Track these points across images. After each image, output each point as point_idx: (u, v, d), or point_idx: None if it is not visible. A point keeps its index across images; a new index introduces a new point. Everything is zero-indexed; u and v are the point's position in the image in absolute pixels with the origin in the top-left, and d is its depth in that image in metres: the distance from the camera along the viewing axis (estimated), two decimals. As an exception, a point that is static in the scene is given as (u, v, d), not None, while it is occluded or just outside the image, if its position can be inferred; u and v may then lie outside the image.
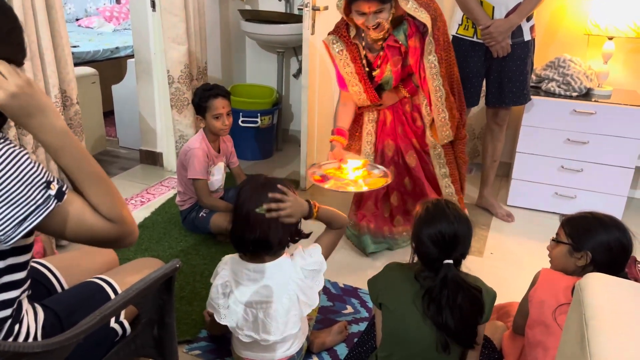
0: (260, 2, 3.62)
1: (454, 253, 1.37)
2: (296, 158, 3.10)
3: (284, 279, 1.50)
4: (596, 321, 1.03)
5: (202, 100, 2.36)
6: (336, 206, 1.75)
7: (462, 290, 1.36)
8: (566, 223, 1.49)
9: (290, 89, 3.76)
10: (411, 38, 2.11)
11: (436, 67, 2.10)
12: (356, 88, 2.23)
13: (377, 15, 2.01)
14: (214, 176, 2.47)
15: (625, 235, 1.41)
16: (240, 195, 1.49)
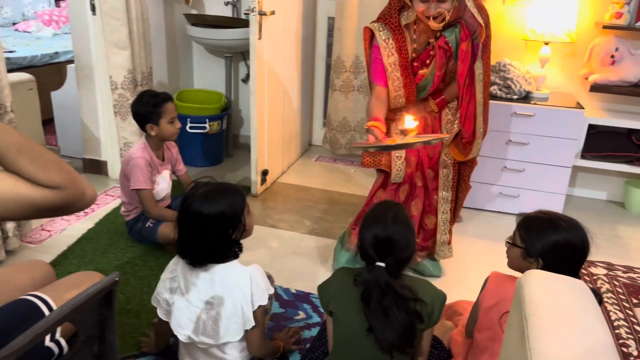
0: (207, 6, 3.57)
1: (387, 257, 1.37)
2: (247, 164, 3.07)
3: (232, 285, 1.47)
4: (536, 317, 1.06)
5: (156, 107, 2.28)
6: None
7: (392, 295, 1.35)
8: (521, 225, 1.48)
9: (239, 93, 3.72)
10: (464, 42, 2.03)
11: (482, 75, 2.07)
12: (397, 82, 2.10)
13: (439, 4, 1.93)
14: (159, 185, 2.41)
15: (577, 237, 1.39)
16: (186, 200, 1.45)
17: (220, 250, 1.46)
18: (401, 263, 1.40)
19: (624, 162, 2.91)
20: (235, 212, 1.44)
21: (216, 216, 1.41)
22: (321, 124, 3.86)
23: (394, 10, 2.07)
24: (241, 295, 1.45)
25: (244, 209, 1.47)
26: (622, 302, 2.18)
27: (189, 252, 1.46)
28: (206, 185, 1.46)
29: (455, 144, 2.23)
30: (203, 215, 1.40)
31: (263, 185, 3.07)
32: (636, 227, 2.91)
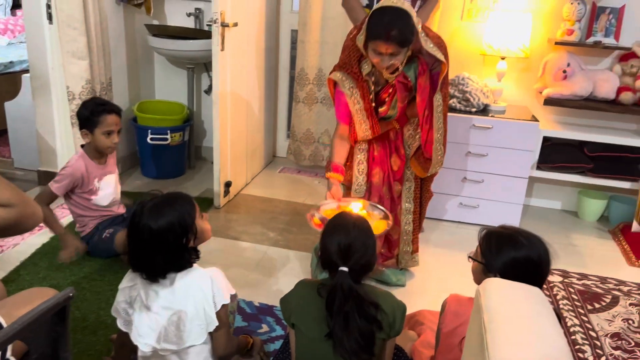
0: (169, 17, 3.54)
1: (349, 261, 1.39)
2: (209, 175, 3.03)
3: (193, 288, 1.46)
4: (494, 324, 1.08)
5: (93, 114, 2.24)
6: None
7: (354, 300, 1.36)
8: (482, 241, 1.50)
9: (202, 105, 3.69)
10: (422, 76, 2.10)
11: (441, 106, 2.12)
12: (364, 125, 2.17)
13: (392, 57, 1.96)
14: (102, 191, 2.35)
15: (535, 253, 1.41)
16: (134, 217, 1.43)
17: (177, 260, 1.44)
18: (362, 269, 1.41)
19: (576, 173, 3.03)
20: (184, 221, 1.43)
21: (166, 229, 1.40)
22: (285, 135, 3.87)
23: (354, 60, 2.11)
24: (202, 297, 1.44)
25: (194, 215, 1.47)
26: (577, 309, 2.25)
27: (144, 267, 1.44)
28: (153, 199, 1.45)
29: (418, 160, 2.29)
30: (152, 230, 1.39)
31: (226, 197, 3.04)
32: (589, 235, 3.02)
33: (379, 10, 1.95)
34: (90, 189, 2.31)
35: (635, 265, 2.67)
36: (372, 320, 1.38)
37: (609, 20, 2.92)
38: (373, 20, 1.94)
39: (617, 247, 2.88)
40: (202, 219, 1.51)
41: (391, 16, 1.92)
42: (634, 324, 2.16)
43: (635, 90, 2.90)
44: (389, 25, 1.90)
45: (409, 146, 2.29)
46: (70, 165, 2.28)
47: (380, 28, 1.91)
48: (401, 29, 1.91)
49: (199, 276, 1.47)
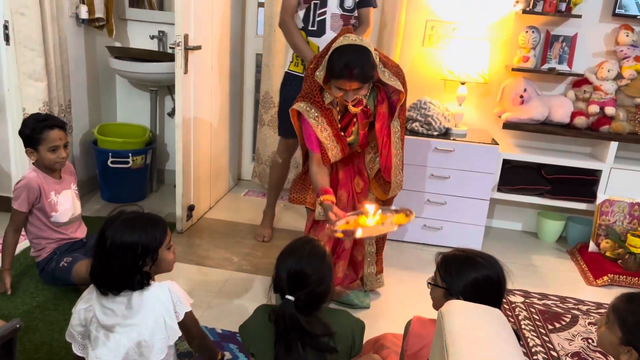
0: (131, 39, 3.50)
1: (299, 291, 1.38)
2: (172, 199, 2.97)
3: (151, 301, 1.43)
4: (455, 347, 1.08)
5: (35, 132, 2.16)
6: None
7: (296, 331, 1.35)
8: (440, 265, 1.50)
9: (165, 128, 3.64)
10: (381, 104, 2.14)
11: (398, 132, 2.17)
12: (335, 151, 2.18)
13: (356, 91, 1.99)
14: (61, 206, 2.27)
15: (494, 272, 1.43)
16: (106, 223, 1.41)
17: (127, 279, 1.42)
18: (315, 299, 1.39)
19: (535, 195, 3.11)
20: (148, 245, 1.41)
21: (127, 246, 1.39)
22: (250, 158, 3.85)
23: (316, 90, 2.13)
24: (162, 308, 1.43)
25: (162, 242, 1.44)
26: (538, 329, 2.28)
27: (99, 278, 1.42)
28: (131, 213, 1.44)
29: (378, 182, 2.32)
30: (115, 243, 1.38)
31: (189, 221, 2.99)
32: (548, 255, 3.09)
33: (339, 49, 1.98)
34: (49, 202, 2.23)
35: (593, 285, 2.74)
36: (323, 349, 1.36)
37: (562, 48, 3.04)
38: (334, 59, 1.97)
39: (576, 267, 2.95)
40: (169, 250, 1.49)
41: (352, 55, 1.95)
42: (593, 343, 2.20)
43: (588, 115, 3.02)
44: (351, 64, 1.93)
45: (370, 169, 2.33)
46: (24, 177, 2.21)
47: (342, 67, 1.94)
48: (362, 67, 1.94)
49: (155, 289, 1.45)
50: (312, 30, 2.59)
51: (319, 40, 2.58)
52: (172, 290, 1.46)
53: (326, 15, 2.56)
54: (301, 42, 2.57)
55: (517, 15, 3.07)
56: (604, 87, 3.00)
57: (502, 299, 1.47)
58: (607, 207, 2.97)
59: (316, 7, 2.56)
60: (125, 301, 1.42)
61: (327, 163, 2.20)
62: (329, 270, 1.43)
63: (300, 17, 2.60)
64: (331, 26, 2.58)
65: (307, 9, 2.57)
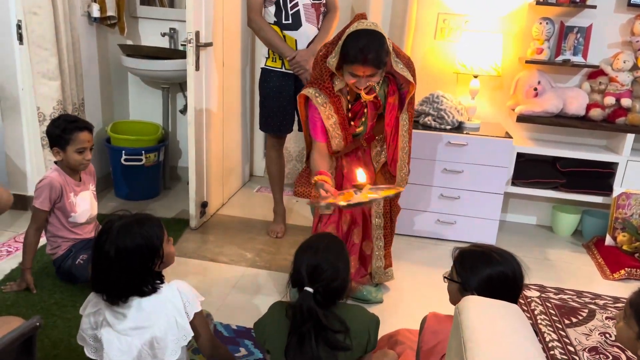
0: (143, 37, 3.51)
1: (316, 283, 1.38)
2: (185, 196, 2.99)
3: (161, 302, 1.43)
4: (473, 343, 1.07)
5: (65, 132, 2.19)
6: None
7: (311, 322, 1.35)
8: (456, 260, 1.50)
9: (177, 125, 3.65)
10: (391, 96, 2.14)
11: (407, 125, 2.16)
12: (337, 139, 2.18)
13: (369, 78, 1.99)
14: (80, 207, 2.30)
15: (510, 270, 1.42)
16: (101, 236, 1.39)
17: (140, 283, 1.41)
18: (331, 293, 1.40)
19: (550, 188, 3.07)
20: (152, 244, 1.41)
21: (134, 250, 1.38)
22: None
23: (326, 76, 2.13)
24: (173, 308, 1.43)
25: (162, 238, 1.45)
26: (555, 324, 2.26)
27: (106, 288, 1.40)
28: (121, 219, 1.41)
29: (384, 177, 2.32)
30: (119, 251, 1.36)
31: (202, 217, 3.00)
32: (564, 249, 3.06)
33: (354, 34, 1.98)
34: (69, 202, 2.26)
35: (609, 279, 2.71)
36: (333, 345, 1.36)
37: (576, 39, 3.00)
38: (349, 44, 1.97)
39: (592, 261, 2.91)
40: (168, 242, 1.49)
41: (367, 40, 1.95)
42: (611, 338, 2.17)
43: (603, 107, 2.97)
44: (365, 49, 1.93)
45: (377, 162, 2.33)
46: (46, 177, 2.23)
47: (356, 52, 1.94)
48: (377, 52, 1.95)
49: (165, 290, 1.45)
50: (287, 24, 2.59)
51: (295, 33, 2.59)
52: (182, 290, 1.46)
53: (299, 7, 2.57)
54: (275, 37, 2.58)
55: (531, 7, 3.03)
56: (619, 78, 2.95)
57: (518, 295, 1.46)
58: (623, 200, 2.93)
59: (286, 1, 2.55)
60: (135, 304, 1.41)
61: (330, 152, 2.20)
62: (346, 264, 1.43)
63: (272, 13, 2.59)
64: (306, 18, 2.58)
65: (277, 4, 2.56)
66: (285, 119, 2.77)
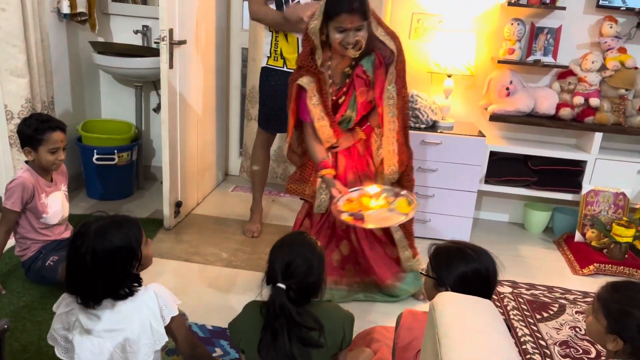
0: (115, 34, 3.45)
1: (290, 279, 1.38)
2: (159, 196, 2.94)
3: (137, 304, 1.41)
4: (447, 338, 1.08)
5: (38, 132, 2.14)
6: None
7: (284, 319, 1.35)
8: (432, 257, 1.52)
9: (150, 123, 3.60)
10: (379, 69, 2.13)
11: (393, 99, 2.13)
12: (323, 122, 2.13)
13: (357, 32, 2.00)
14: (51, 209, 2.25)
15: (484, 266, 1.44)
16: (77, 238, 1.36)
17: (118, 286, 1.39)
18: (305, 290, 1.40)
19: (522, 186, 3.13)
20: (130, 246, 1.39)
21: (112, 253, 1.35)
22: (237, 153, 3.82)
23: (307, 53, 2.11)
24: (149, 312, 1.41)
25: (141, 240, 1.42)
26: (527, 319, 2.31)
27: (81, 290, 1.37)
28: (98, 221, 1.39)
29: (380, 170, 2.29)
30: (97, 253, 1.33)
31: (176, 217, 2.96)
32: (535, 246, 3.12)
33: None
34: (41, 203, 2.21)
35: (579, 274, 2.78)
36: (306, 342, 1.37)
37: (547, 40, 3.06)
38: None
39: (562, 257, 2.98)
40: (146, 245, 1.47)
41: None
42: (581, 332, 2.23)
43: (573, 106, 3.04)
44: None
45: (378, 155, 2.27)
46: (18, 177, 2.18)
47: (342, 2, 1.96)
48: (362, 1, 1.98)
49: (142, 294, 1.43)
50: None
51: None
52: (159, 293, 1.44)
53: (300, 1, 2.55)
54: (278, 14, 2.51)
55: (503, 8, 3.08)
56: (588, 78, 3.02)
57: (492, 291, 1.48)
58: (592, 198, 3.01)
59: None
60: (110, 305, 1.39)
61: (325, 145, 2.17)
62: (320, 262, 1.44)
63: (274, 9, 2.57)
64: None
65: (278, 1, 2.53)
66: (285, 117, 2.75)
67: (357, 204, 2.02)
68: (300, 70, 2.13)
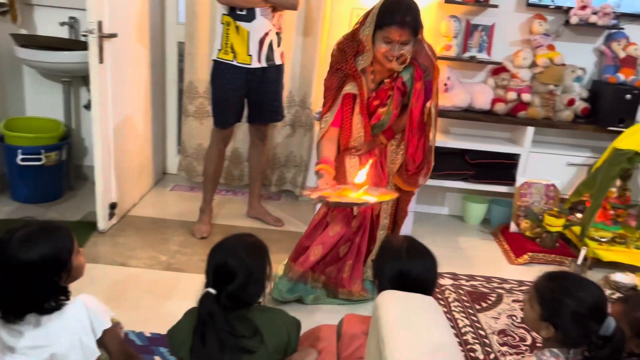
0: (39, 26, 3.24)
1: (223, 284, 1.33)
2: (92, 196, 2.79)
3: (65, 319, 1.32)
4: (391, 338, 1.08)
5: None
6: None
7: (211, 325, 1.31)
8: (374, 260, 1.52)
9: (81, 121, 3.41)
10: (418, 82, 2.15)
11: (434, 113, 2.20)
12: (359, 124, 2.18)
13: (402, 46, 2.01)
14: None
15: (412, 264, 1.45)
16: (4, 241, 1.26)
17: (43, 299, 1.29)
18: (241, 295, 1.35)
19: (460, 180, 3.21)
20: (60, 257, 1.29)
21: (38, 263, 1.25)
22: (175, 151, 3.70)
23: (350, 56, 2.12)
24: (78, 326, 1.32)
25: (72, 250, 1.33)
26: (467, 309, 2.36)
27: (3, 304, 1.27)
28: (25, 227, 1.28)
29: (400, 175, 2.31)
30: (21, 263, 1.23)
31: (111, 219, 2.83)
32: (473, 237, 3.21)
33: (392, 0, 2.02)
34: None
35: (514, 263, 2.88)
36: (241, 350, 1.32)
37: (481, 37, 3.14)
38: (387, 6, 2.00)
39: (499, 247, 3.08)
40: (78, 254, 1.38)
41: (406, 4, 2.02)
42: (517, 320, 2.31)
43: (506, 102, 3.15)
44: (405, 12, 1.98)
45: (392, 161, 2.32)
46: None
47: (394, 13, 1.98)
48: (415, 17, 2.01)
49: (70, 307, 1.34)
50: (241, 15, 2.52)
51: (249, 25, 2.54)
52: (89, 305, 1.35)
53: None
54: None
55: (440, 5, 3.13)
56: (520, 74, 3.13)
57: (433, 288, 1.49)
58: (525, 189, 3.13)
59: None
60: (34, 320, 1.29)
61: (346, 140, 2.20)
62: (261, 265, 1.39)
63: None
64: (261, 11, 2.52)
65: None
66: (233, 111, 2.74)
67: (338, 192, 2.01)
68: (337, 73, 2.14)
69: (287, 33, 3.19)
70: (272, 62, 2.69)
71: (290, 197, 3.51)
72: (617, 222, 3.05)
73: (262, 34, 2.58)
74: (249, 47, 2.58)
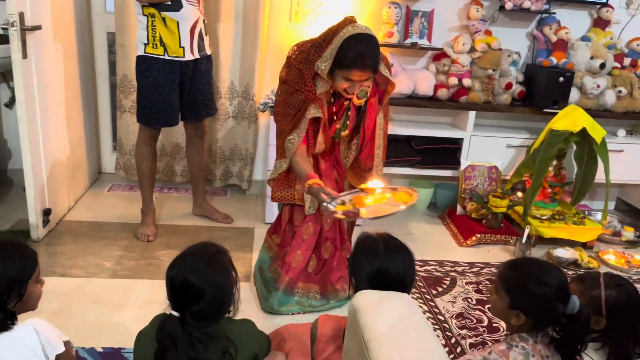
0: (-53, 17, 2.92)
1: (185, 302, 1.24)
2: (21, 203, 2.57)
3: (14, 345, 1.22)
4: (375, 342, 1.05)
5: None
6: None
7: (174, 347, 1.22)
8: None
9: (2, 121, 3.14)
10: (373, 97, 2.14)
11: (382, 124, 2.20)
12: (320, 142, 2.14)
13: (362, 83, 1.97)
14: None
15: (390, 262, 1.43)
16: None
17: None
18: (206, 311, 1.26)
19: (407, 166, 3.24)
20: (16, 278, 1.20)
21: None
22: (111, 148, 3.49)
23: (308, 79, 2.03)
24: (28, 351, 1.22)
25: (32, 275, 1.23)
26: (424, 295, 2.40)
27: None
28: None
29: (354, 171, 2.33)
30: None
31: (46, 227, 2.62)
32: (422, 222, 3.26)
33: (352, 39, 1.93)
34: None
35: (463, 246, 2.95)
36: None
37: (421, 23, 3.16)
38: (347, 49, 1.91)
39: (447, 231, 3.15)
40: (37, 282, 1.28)
41: (366, 45, 1.93)
42: (472, 302, 2.36)
43: (448, 87, 3.19)
44: (365, 54, 1.91)
45: (345, 157, 2.31)
46: None
47: (355, 57, 1.91)
48: (375, 57, 1.96)
49: (19, 331, 1.23)
50: (167, 6, 2.39)
51: (177, 14, 2.41)
52: (39, 329, 1.24)
53: None
54: None
55: (380, -9, 3.11)
56: (460, 60, 3.18)
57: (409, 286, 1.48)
58: (469, 172, 3.21)
59: None
60: None
61: (310, 153, 2.16)
62: (225, 277, 1.30)
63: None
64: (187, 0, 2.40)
65: None
66: (173, 110, 2.57)
67: (352, 204, 1.95)
68: (297, 95, 2.05)
69: (226, 21, 3.07)
70: (204, 52, 2.58)
71: (237, 191, 3.41)
72: (555, 200, 3.20)
73: (191, 22, 2.46)
74: (180, 39, 2.45)
